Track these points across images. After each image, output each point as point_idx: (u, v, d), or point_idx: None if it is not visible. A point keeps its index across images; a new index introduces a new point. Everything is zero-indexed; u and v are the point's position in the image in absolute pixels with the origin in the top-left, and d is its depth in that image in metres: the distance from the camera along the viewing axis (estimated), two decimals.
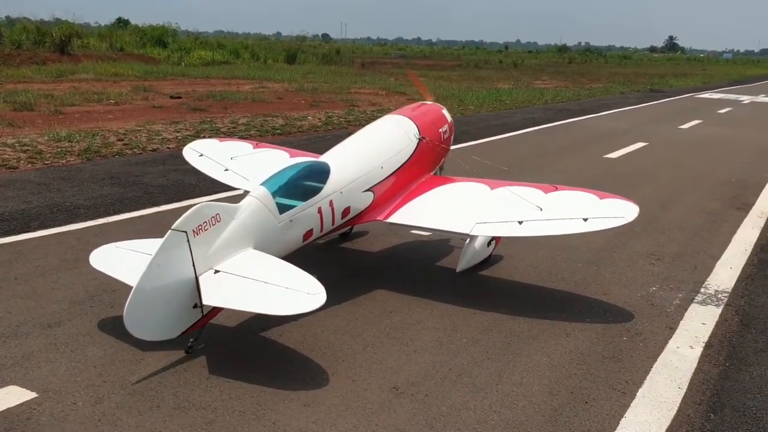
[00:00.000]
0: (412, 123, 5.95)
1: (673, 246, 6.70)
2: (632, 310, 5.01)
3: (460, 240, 5.79)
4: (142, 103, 17.43)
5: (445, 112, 6.54)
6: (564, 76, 43.82)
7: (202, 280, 3.82)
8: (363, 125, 15.49)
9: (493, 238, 5.71)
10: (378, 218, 5.31)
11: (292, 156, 6.18)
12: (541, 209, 4.96)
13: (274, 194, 4.48)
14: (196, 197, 7.84)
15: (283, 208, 4.49)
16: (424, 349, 4.22)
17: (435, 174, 6.14)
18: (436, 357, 4.13)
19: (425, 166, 5.93)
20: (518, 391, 3.77)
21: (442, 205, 5.33)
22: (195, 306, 3.83)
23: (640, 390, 3.84)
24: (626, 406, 3.66)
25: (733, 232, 7.30)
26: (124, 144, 11.40)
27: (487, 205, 5.18)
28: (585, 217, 4.80)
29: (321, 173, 4.93)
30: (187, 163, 6.42)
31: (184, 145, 6.72)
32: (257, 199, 4.36)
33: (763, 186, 9.90)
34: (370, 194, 5.26)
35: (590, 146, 13.52)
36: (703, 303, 5.22)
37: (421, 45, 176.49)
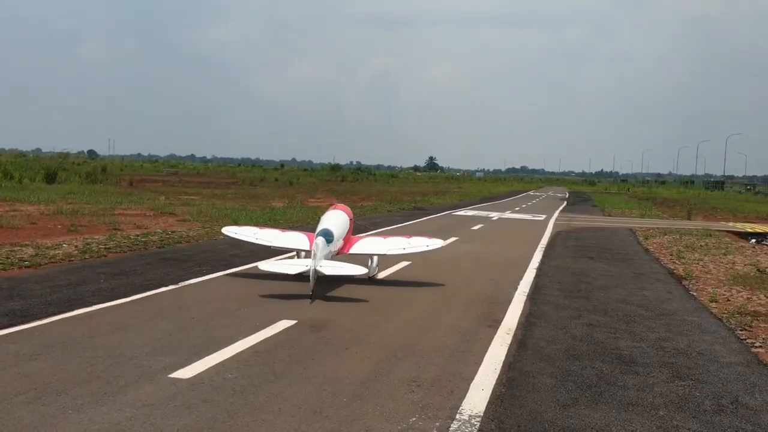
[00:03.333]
0: (344, 212, 12.35)
1: (432, 370, 6.93)
2: None
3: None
4: None
5: (348, 208, 12.94)
6: (337, 194, 45.82)
7: (319, 267, 9.98)
8: (124, 252, 14.55)
9: (378, 262, 12.37)
10: (343, 252, 11.79)
11: (283, 231, 13.08)
12: (410, 243, 12.43)
13: (325, 239, 10.54)
14: None
15: (329, 245, 10.63)
16: None
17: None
18: None
19: (351, 233, 12.56)
20: None
21: (370, 245, 12.50)
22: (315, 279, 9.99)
23: None
24: None
25: (485, 351, 7.68)
26: None
27: (389, 243, 12.39)
28: (427, 245, 12.49)
29: (330, 233, 10.90)
30: None
31: None
32: (323, 238, 10.52)
33: (510, 302, 10.72)
34: (341, 242, 11.59)
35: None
36: (458, 431, 5.37)
37: (196, 162, 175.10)
